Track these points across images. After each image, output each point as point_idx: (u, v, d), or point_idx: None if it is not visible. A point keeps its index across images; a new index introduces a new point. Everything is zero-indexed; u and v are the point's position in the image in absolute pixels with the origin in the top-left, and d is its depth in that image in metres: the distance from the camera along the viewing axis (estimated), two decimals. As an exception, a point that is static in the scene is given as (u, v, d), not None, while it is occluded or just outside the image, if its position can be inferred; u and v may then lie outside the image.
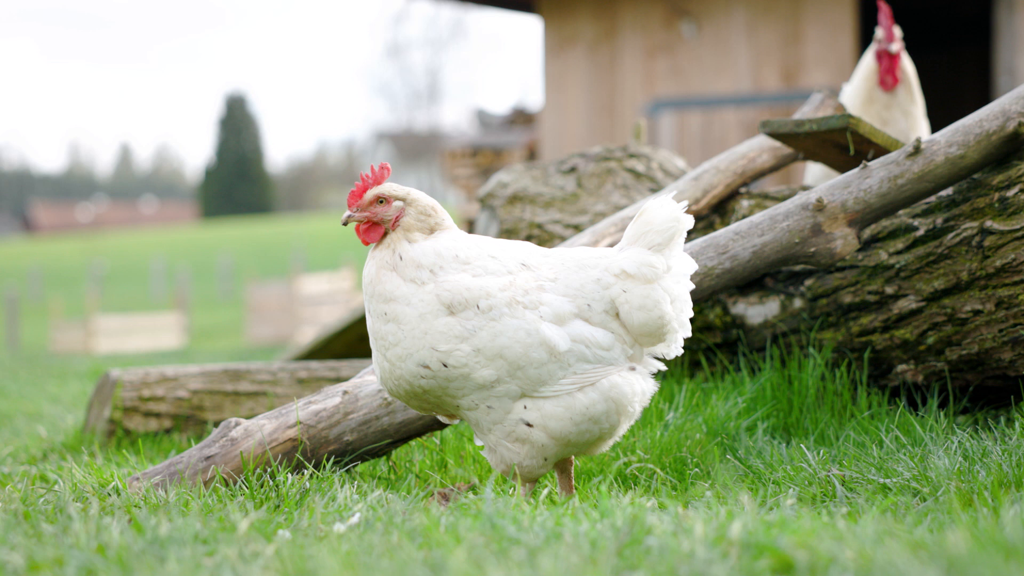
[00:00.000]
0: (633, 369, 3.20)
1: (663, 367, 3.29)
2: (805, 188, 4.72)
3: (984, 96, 16.20)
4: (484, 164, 15.86)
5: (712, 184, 4.70)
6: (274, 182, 74.05)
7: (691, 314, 3.26)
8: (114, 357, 15.89)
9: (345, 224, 3.19)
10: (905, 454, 3.57)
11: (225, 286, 35.84)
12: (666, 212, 3.17)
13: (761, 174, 4.83)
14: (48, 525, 2.44)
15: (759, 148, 4.83)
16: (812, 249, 3.97)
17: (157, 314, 23.71)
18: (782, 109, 14.22)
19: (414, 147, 70.71)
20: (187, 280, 30.68)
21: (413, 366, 3.09)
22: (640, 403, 3.22)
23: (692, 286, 3.26)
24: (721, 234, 4.03)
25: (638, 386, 3.20)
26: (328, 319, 20.22)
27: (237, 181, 69.42)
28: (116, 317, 22.03)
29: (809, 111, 4.90)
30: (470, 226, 16.14)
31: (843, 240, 3.97)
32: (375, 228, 3.19)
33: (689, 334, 3.27)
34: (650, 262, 3.15)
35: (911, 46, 10.03)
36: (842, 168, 4.70)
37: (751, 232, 4.00)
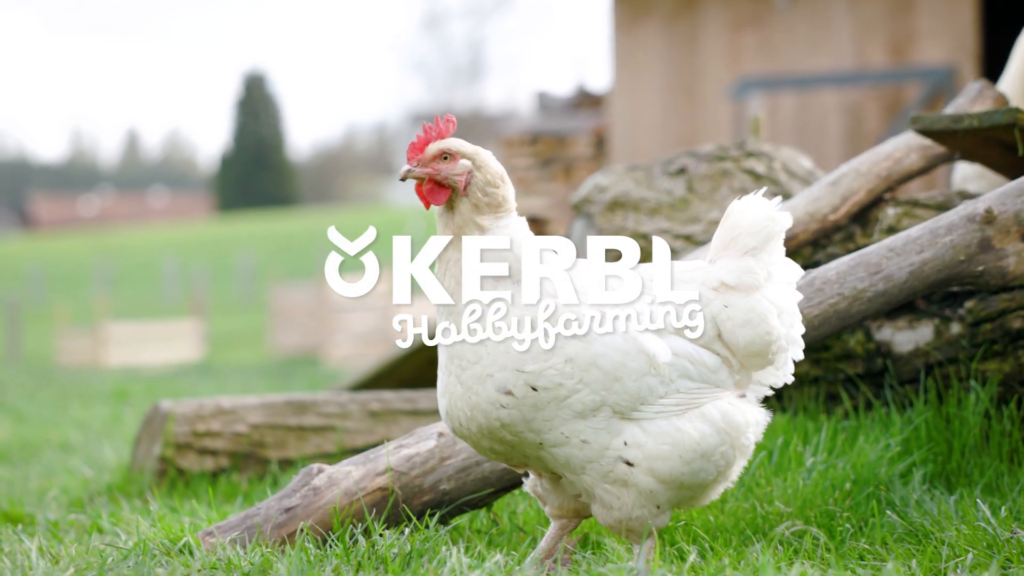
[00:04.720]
0: (743, 396, 3.15)
1: (771, 393, 3.24)
2: (962, 194, 4.59)
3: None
4: (545, 153, 15.68)
5: (852, 189, 4.59)
6: (297, 171, 74.40)
7: (802, 329, 3.22)
8: (131, 372, 15.99)
9: (403, 179, 3.10)
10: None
11: (245, 288, 36.01)
12: (756, 212, 3.16)
13: (908, 177, 4.71)
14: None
15: (906, 147, 4.71)
16: (980, 268, 3.86)
17: (172, 320, 23.83)
18: (890, 89, 14.00)
19: (455, 131, 70.64)
20: (204, 282, 30.88)
21: (492, 391, 3.02)
22: (754, 435, 3.17)
23: (800, 296, 3.23)
24: (872, 251, 3.92)
25: (751, 415, 3.15)
26: (360, 328, 20.16)
27: (256, 170, 69.78)
28: (128, 324, 22.17)
29: (965, 103, 4.78)
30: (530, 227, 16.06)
31: (1016, 257, 3.86)
32: (440, 189, 3.10)
33: (801, 355, 3.22)
34: (749, 268, 3.13)
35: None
36: (1007, 171, 4.57)
37: (908, 248, 3.89)
